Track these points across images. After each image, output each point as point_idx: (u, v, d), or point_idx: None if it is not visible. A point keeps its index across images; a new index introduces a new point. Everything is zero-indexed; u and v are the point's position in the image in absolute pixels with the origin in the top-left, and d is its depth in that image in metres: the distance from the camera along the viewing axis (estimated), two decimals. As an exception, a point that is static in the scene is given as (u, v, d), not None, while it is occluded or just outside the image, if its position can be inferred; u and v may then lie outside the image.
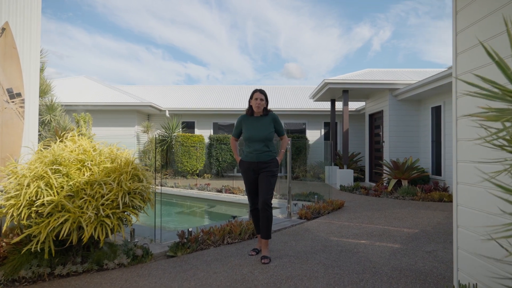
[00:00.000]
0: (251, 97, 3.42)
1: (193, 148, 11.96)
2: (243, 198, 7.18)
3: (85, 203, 2.79)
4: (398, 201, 6.95)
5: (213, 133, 13.64)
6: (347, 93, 9.70)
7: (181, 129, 13.38)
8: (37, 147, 3.29)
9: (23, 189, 2.72)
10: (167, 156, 12.39)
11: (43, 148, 3.23)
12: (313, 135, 13.88)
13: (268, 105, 3.46)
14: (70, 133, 3.53)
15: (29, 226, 2.74)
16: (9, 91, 3.64)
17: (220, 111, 13.52)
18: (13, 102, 3.66)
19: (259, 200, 3.28)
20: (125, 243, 3.28)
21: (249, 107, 3.46)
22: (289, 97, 15.85)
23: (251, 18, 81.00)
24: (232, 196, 7.61)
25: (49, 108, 6.59)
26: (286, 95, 16.15)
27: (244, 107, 12.07)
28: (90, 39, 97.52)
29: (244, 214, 6.13)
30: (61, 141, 3.36)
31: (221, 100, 15.08)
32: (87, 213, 2.71)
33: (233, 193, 7.74)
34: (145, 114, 13.71)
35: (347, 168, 9.81)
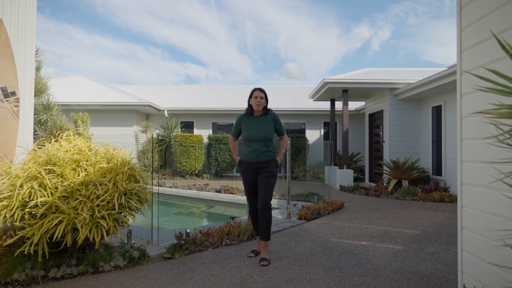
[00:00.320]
0: (250, 96, 3.36)
1: (192, 148, 11.89)
2: (242, 198, 7.12)
3: (80, 204, 2.73)
4: (398, 202, 6.90)
5: (212, 133, 13.57)
6: (347, 92, 9.65)
7: (180, 129, 13.31)
8: (32, 147, 3.22)
9: (16, 189, 2.65)
10: (166, 156, 12.32)
11: (38, 148, 3.17)
12: (313, 135, 13.82)
13: (268, 104, 3.40)
14: (65, 132, 3.46)
15: (23, 227, 2.68)
16: (3, 90, 3.57)
17: (219, 111, 13.45)
18: (7, 101, 3.60)
19: (258, 201, 3.22)
20: (122, 244, 3.22)
21: (248, 106, 3.39)
22: (288, 97, 15.79)
23: (251, 18, 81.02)
24: (231, 196, 7.54)
25: (45, 107, 6.52)
26: (285, 95, 16.09)
27: (243, 106, 12.02)
28: (89, 39, 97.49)
29: (243, 214, 6.06)
30: (56, 141, 3.29)
31: (220, 100, 15.01)
32: (82, 214, 2.65)
33: (232, 194, 7.68)
34: (143, 113, 13.64)
35: (347, 168, 9.75)
